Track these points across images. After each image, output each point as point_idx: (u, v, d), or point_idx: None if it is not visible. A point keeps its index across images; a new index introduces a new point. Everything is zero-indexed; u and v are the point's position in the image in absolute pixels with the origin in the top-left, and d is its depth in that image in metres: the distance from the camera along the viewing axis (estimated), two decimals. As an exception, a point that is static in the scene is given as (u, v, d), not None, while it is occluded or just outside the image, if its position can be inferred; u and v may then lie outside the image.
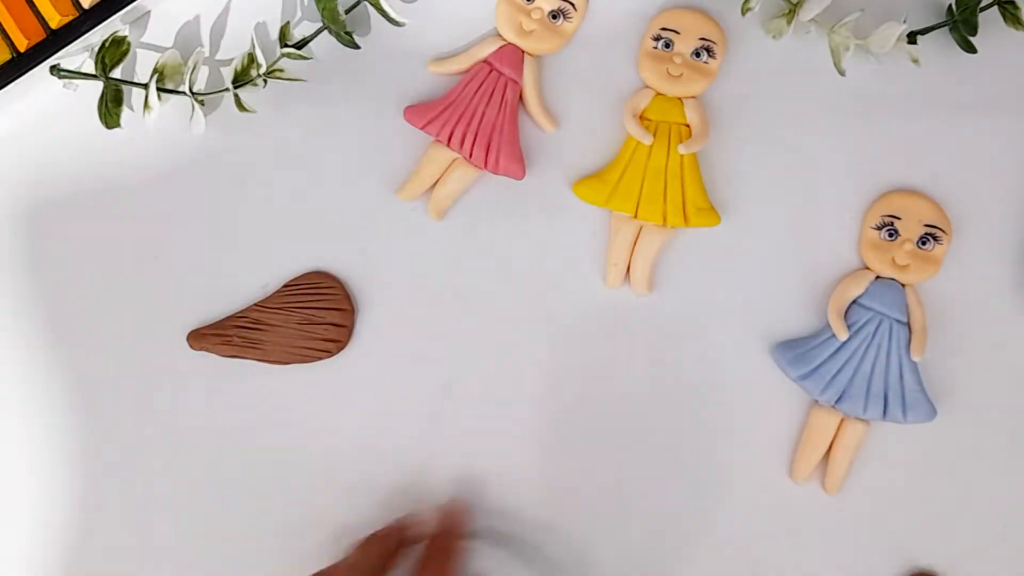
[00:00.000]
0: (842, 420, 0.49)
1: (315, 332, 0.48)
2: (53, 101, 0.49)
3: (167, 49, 0.48)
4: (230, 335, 0.48)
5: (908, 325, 0.49)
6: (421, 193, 0.49)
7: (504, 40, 0.49)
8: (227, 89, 0.48)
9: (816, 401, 0.49)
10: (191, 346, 0.49)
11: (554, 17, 0.49)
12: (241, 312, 0.49)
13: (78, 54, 0.48)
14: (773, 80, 0.50)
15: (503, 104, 0.49)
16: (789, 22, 0.49)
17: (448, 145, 0.49)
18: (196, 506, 0.49)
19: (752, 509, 0.49)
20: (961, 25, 0.48)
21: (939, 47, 0.50)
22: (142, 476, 0.49)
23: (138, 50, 0.49)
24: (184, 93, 0.47)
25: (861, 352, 0.48)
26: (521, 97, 0.49)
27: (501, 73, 0.49)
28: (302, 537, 0.49)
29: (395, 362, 0.49)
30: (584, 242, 0.50)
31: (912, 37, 0.49)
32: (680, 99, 0.49)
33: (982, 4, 0.48)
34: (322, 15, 0.47)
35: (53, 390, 0.49)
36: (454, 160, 0.49)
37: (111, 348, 0.49)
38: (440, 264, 0.49)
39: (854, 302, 0.49)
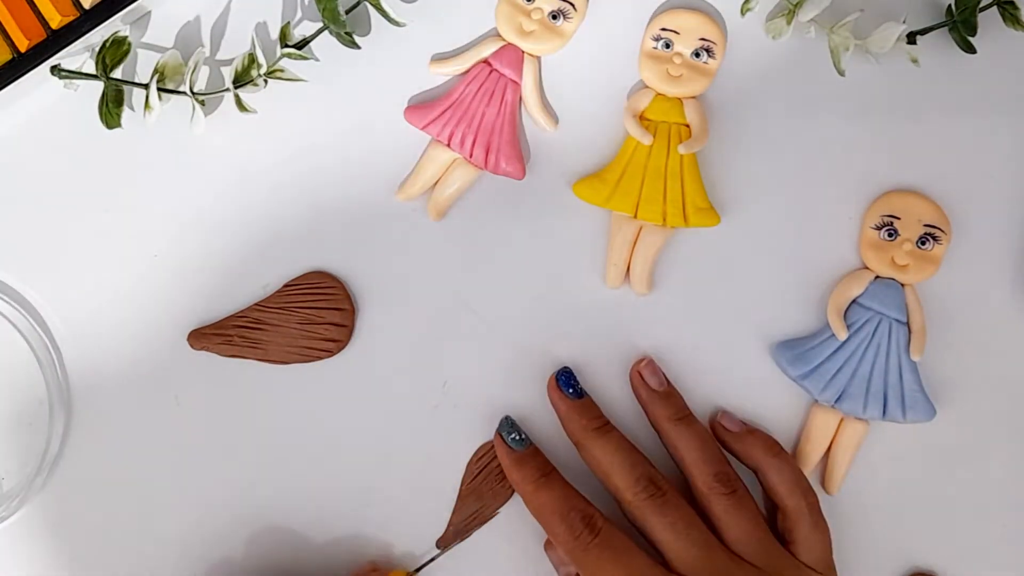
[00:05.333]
0: (842, 420, 0.49)
1: (315, 332, 0.48)
2: (54, 101, 0.49)
3: (168, 49, 0.48)
4: (231, 335, 0.49)
5: (907, 325, 0.49)
6: (421, 193, 0.49)
7: (504, 40, 0.49)
8: (228, 89, 0.48)
9: (816, 401, 0.49)
10: (192, 346, 0.49)
11: (554, 17, 0.49)
12: (242, 312, 0.49)
13: (79, 54, 0.48)
14: (773, 80, 0.50)
15: (503, 104, 0.49)
16: (789, 22, 0.49)
17: (448, 145, 0.49)
18: (195, 506, 0.49)
19: (752, 509, 0.49)
20: (960, 25, 0.49)
21: (938, 47, 0.50)
22: (141, 476, 0.49)
23: (139, 50, 0.49)
24: (185, 93, 0.47)
25: (861, 352, 0.48)
26: (521, 97, 0.49)
27: (501, 73, 0.49)
28: (301, 537, 0.49)
29: (395, 362, 0.49)
30: (584, 242, 0.50)
31: (912, 37, 0.49)
32: (680, 99, 0.49)
33: (981, 4, 0.48)
34: (322, 15, 0.47)
35: (52, 390, 0.49)
36: (454, 160, 0.49)
37: (111, 348, 0.49)
38: (440, 264, 0.50)
39: (854, 302, 0.49)
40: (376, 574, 0.47)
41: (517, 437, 0.47)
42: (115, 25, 0.48)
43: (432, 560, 0.48)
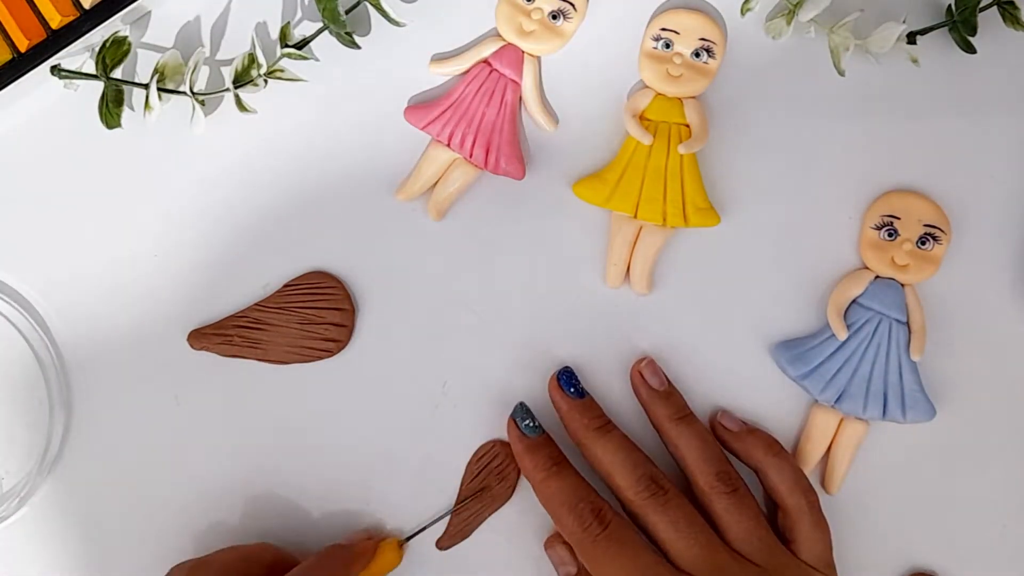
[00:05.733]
0: (842, 420, 0.49)
1: (315, 332, 0.48)
2: (54, 101, 0.49)
3: (168, 49, 0.48)
4: (231, 335, 0.49)
5: (907, 325, 0.49)
6: (421, 193, 0.49)
7: (504, 40, 0.49)
8: (228, 89, 0.48)
9: (816, 400, 0.49)
10: (192, 346, 0.49)
11: (554, 17, 0.49)
12: (242, 312, 0.49)
13: (79, 54, 0.48)
14: (773, 80, 0.50)
15: (503, 104, 0.49)
16: (789, 22, 0.49)
17: (448, 145, 0.49)
18: (196, 506, 0.49)
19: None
20: (960, 25, 0.49)
21: (938, 47, 0.50)
22: (141, 476, 0.49)
23: (139, 50, 0.49)
24: (185, 93, 0.47)
25: (861, 352, 0.48)
26: (521, 97, 0.49)
27: (501, 73, 0.49)
28: (302, 537, 0.49)
29: (395, 362, 0.49)
30: (584, 242, 0.50)
31: (911, 37, 0.49)
32: (680, 99, 0.49)
33: (981, 4, 0.48)
34: (322, 15, 0.47)
35: (52, 390, 0.49)
36: (454, 160, 0.49)
37: (111, 347, 0.49)
38: (440, 264, 0.50)
39: (854, 302, 0.49)
40: (369, 542, 0.47)
41: (531, 424, 0.47)
42: (115, 25, 0.48)
43: (422, 530, 0.48)
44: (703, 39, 0.49)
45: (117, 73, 0.48)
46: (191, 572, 0.44)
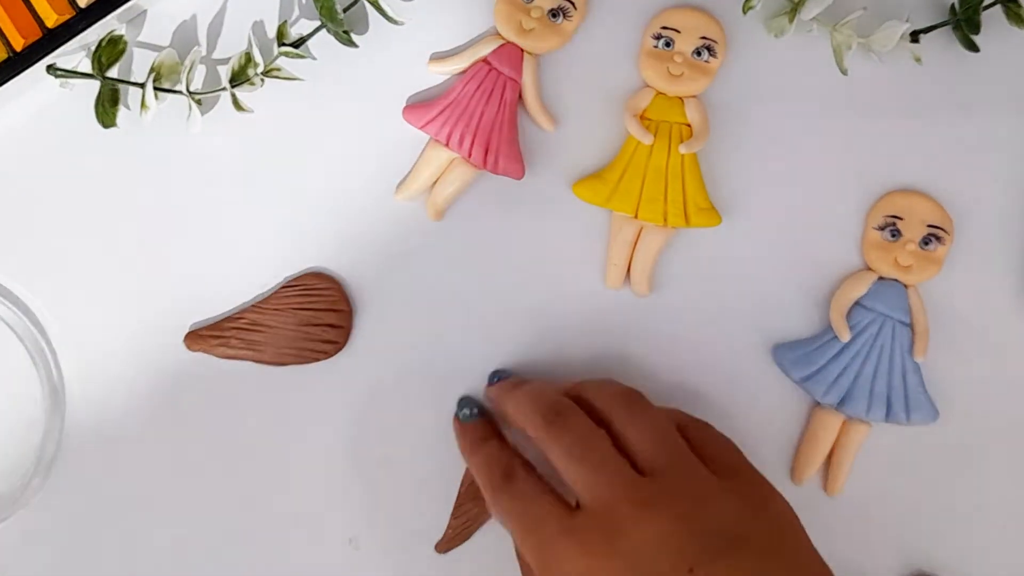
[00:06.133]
0: (844, 422, 0.49)
1: (313, 333, 0.48)
2: (49, 100, 0.49)
3: (164, 48, 0.48)
4: (228, 336, 0.48)
5: (911, 326, 0.49)
6: (420, 193, 0.49)
7: (503, 39, 0.49)
8: (224, 88, 0.48)
9: (818, 403, 0.49)
10: (188, 348, 0.48)
11: (554, 16, 0.49)
12: (239, 313, 0.49)
13: (75, 53, 0.48)
14: (774, 79, 0.50)
15: (502, 103, 0.49)
16: (791, 21, 0.48)
17: (447, 145, 0.48)
18: (192, 508, 0.49)
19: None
20: (964, 24, 0.48)
21: (942, 46, 0.50)
22: (139, 478, 0.48)
23: (135, 49, 0.49)
24: (181, 92, 0.47)
25: (864, 353, 0.48)
26: (520, 96, 0.49)
27: (500, 72, 0.49)
28: (301, 538, 0.48)
29: (393, 363, 0.49)
30: (584, 242, 0.49)
31: (915, 36, 0.49)
32: (681, 98, 0.49)
33: (985, 3, 0.48)
34: (320, 13, 0.47)
35: (48, 392, 0.48)
36: (453, 160, 0.49)
37: (107, 349, 0.49)
38: (439, 264, 0.49)
39: (856, 303, 0.49)
40: None
41: (468, 412, 0.48)
42: (111, 24, 0.48)
43: None
44: (704, 37, 0.49)
45: (113, 72, 0.48)
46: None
